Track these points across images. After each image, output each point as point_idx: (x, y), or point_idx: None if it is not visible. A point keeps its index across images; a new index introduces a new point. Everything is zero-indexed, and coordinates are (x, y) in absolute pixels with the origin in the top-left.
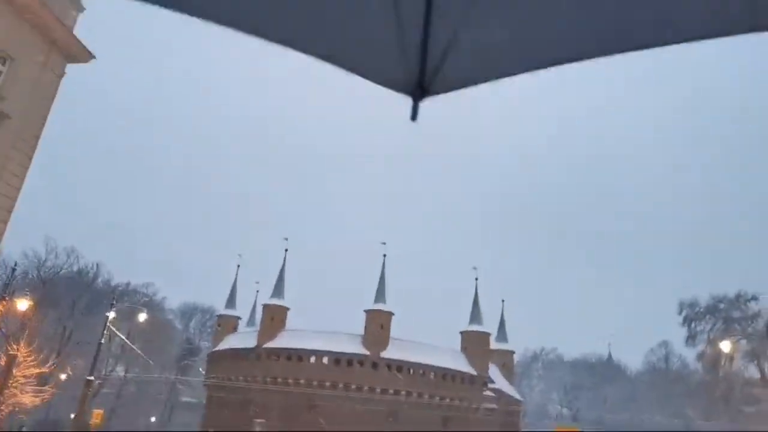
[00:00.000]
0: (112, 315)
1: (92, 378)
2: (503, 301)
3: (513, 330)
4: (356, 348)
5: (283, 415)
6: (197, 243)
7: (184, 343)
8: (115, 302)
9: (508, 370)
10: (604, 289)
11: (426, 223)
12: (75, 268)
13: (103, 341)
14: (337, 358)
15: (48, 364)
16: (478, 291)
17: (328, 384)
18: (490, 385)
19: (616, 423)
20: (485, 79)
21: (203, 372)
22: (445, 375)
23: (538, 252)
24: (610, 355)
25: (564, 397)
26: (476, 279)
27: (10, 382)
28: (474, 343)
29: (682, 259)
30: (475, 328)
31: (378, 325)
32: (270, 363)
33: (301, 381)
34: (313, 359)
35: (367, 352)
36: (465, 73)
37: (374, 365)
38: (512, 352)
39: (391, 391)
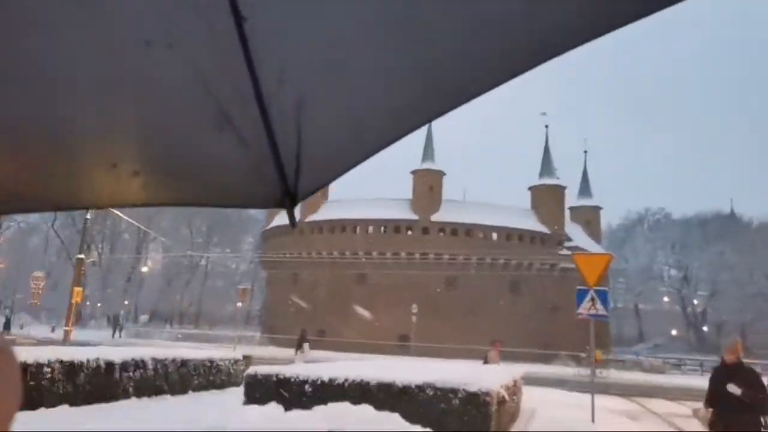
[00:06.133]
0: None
1: (82, 256)
2: (585, 152)
3: (607, 192)
4: (404, 213)
5: (331, 288)
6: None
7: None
8: None
9: (593, 227)
10: (719, 145)
11: None
12: None
13: (88, 221)
14: (384, 226)
15: None
16: (549, 143)
17: (375, 253)
18: (567, 244)
19: (734, 280)
20: (351, 164)
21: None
22: (510, 235)
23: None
24: (732, 211)
25: (671, 256)
26: (546, 126)
27: None
28: (546, 199)
29: None
30: (546, 181)
31: (427, 186)
32: (313, 237)
33: (346, 253)
34: (357, 229)
35: (416, 217)
36: (327, 165)
37: (425, 230)
38: (598, 208)
39: (447, 257)
